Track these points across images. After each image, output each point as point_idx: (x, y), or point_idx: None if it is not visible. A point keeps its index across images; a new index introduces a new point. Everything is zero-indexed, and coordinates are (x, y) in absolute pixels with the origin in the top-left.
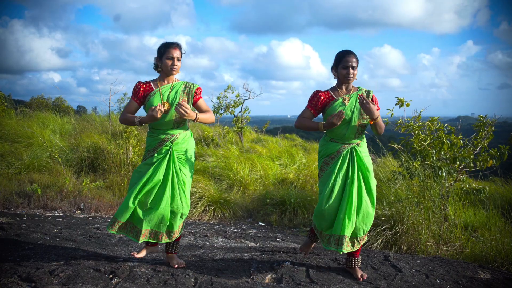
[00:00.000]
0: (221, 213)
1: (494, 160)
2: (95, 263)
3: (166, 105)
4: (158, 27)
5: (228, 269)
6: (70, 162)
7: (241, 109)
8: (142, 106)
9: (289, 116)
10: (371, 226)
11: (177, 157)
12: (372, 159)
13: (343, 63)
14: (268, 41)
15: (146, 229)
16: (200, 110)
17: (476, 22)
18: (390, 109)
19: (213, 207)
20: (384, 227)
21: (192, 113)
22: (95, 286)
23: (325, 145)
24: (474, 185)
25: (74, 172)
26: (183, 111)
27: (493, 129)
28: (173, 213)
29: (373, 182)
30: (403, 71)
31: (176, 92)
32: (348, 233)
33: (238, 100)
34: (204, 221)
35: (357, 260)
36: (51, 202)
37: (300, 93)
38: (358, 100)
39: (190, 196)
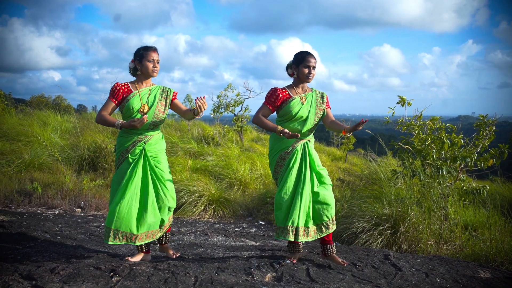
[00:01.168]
0: (221, 212)
1: (494, 160)
2: (96, 261)
3: (146, 108)
4: (157, 26)
5: (229, 267)
6: (71, 160)
7: (242, 108)
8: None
9: None
10: (371, 225)
11: (150, 157)
12: (373, 158)
13: (304, 63)
14: (268, 40)
15: (142, 232)
16: (180, 107)
17: (476, 21)
18: (391, 108)
19: (213, 206)
20: (384, 226)
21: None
22: (95, 284)
23: (278, 139)
24: (474, 184)
25: (75, 170)
26: (201, 104)
27: (494, 128)
28: (160, 209)
29: (323, 171)
30: (403, 70)
31: (154, 96)
32: (302, 224)
33: (239, 99)
34: (205, 219)
35: (332, 247)
36: (51, 200)
37: None
38: (316, 101)
39: (190, 195)
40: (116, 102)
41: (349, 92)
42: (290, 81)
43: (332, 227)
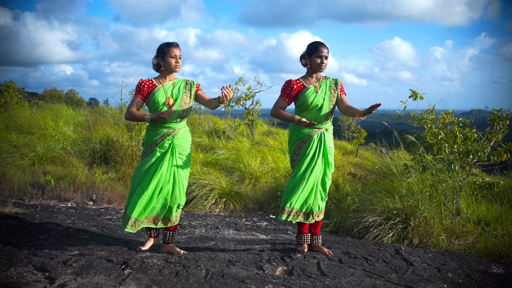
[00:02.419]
0: (232, 205)
1: (508, 154)
2: (108, 254)
3: (171, 100)
4: (167, 20)
5: (239, 261)
6: (83, 153)
7: (252, 101)
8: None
9: None
10: (382, 219)
11: (178, 151)
12: (385, 152)
13: (317, 53)
14: (277, 33)
15: (149, 216)
16: (203, 97)
17: (487, 14)
18: (403, 102)
19: (224, 200)
20: (395, 220)
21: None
22: (107, 276)
23: (296, 129)
24: (487, 179)
25: (87, 163)
26: (227, 93)
27: (508, 123)
28: (172, 203)
29: (330, 170)
30: (414, 64)
31: (178, 89)
32: (298, 206)
33: (250, 92)
34: (215, 213)
35: (318, 239)
36: (64, 193)
37: None
38: (330, 88)
39: (201, 189)
40: (142, 97)
41: (360, 86)
42: (300, 74)
43: (318, 218)
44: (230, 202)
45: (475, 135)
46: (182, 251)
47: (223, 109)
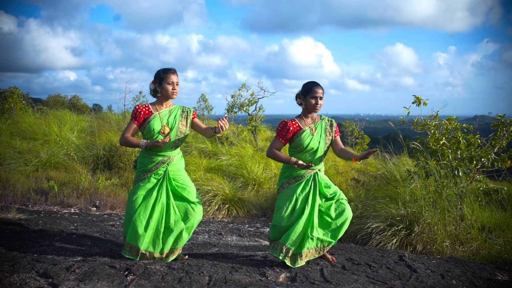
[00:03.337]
0: (235, 211)
1: None
2: (111, 260)
3: (167, 129)
4: (170, 26)
5: (243, 267)
6: (86, 159)
7: (256, 107)
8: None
9: None
10: (386, 226)
11: (172, 177)
12: (388, 158)
13: (312, 94)
14: (280, 39)
15: (166, 250)
16: (200, 125)
17: (489, 20)
18: (406, 108)
19: (227, 206)
20: (399, 227)
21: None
22: (110, 283)
23: (289, 167)
24: (491, 185)
25: (90, 169)
26: (223, 124)
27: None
28: (187, 225)
29: (332, 189)
30: (417, 70)
31: (174, 117)
32: (306, 248)
33: (253, 98)
34: (218, 219)
35: None
36: (67, 199)
37: None
38: (326, 130)
39: (204, 195)
40: (138, 124)
41: (362, 92)
42: (302, 80)
43: (329, 248)
44: (233, 208)
45: (479, 141)
46: (185, 257)
47: (226, 115)
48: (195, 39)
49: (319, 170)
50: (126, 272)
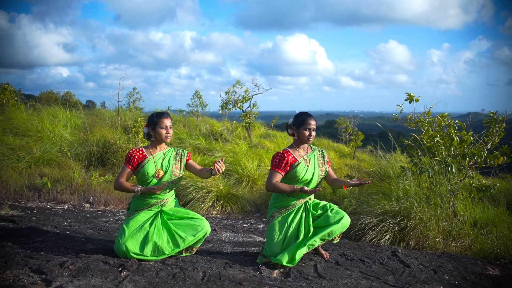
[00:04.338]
0: (229, 207)
1: (505, 157)
2: (105, 256)
3: (161, 173)
4: (163, 22)
5: (236, 263)
6: (80, 156)
7: (250, 104)
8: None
9: (297, 111)
10: (379, 221)
11: (166, 215)
12: (382, 155)
13: (305, 125)
14: (273, 36)
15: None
16: (195, 167)
17: (481, 17)
18: (399, 105)
19: (221, 202)
20: (392, 222)
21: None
22: (104, 279)
23: (281, 197)
24: (484, 181)
25: (84, 166)
26: (220, 167)
27: (504, 125)
28: (198, 238)
29: (329, 208)
30: (410, 67)
31: (168, 160)
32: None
33: (247, 95)
34: (213, 215)
35: None
36: (60, 195)
37: (307, 89)
38: (318, 161)
39: (199, 191)
40: (132, 168)
41: (356, 89)
42: (295, 78)
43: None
44: (227, 205)
45: (472, 137)
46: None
47: (220, 112)
48: (188, 36)
49: (309, 198)
50: (120, 268)
